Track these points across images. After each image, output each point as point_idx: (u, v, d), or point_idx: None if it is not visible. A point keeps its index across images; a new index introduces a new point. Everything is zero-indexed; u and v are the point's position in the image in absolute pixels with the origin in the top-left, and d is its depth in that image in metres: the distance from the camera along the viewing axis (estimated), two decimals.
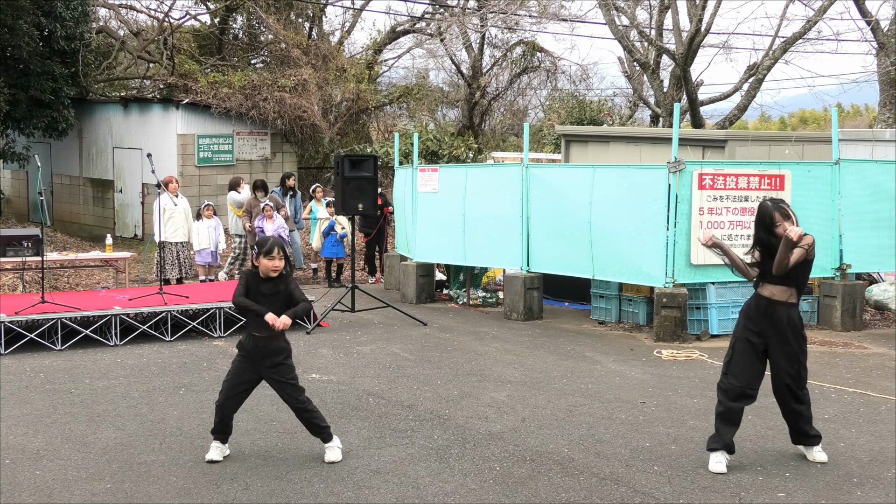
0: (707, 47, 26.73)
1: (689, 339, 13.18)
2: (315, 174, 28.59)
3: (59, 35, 22.44)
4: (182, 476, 7.30)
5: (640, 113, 34.82)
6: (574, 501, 6.85)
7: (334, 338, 13.16)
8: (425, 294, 16.84)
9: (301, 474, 7.37)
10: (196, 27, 30.96)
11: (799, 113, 69.02)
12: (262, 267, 7.45)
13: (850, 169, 14.11)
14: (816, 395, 9.95)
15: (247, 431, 8.44)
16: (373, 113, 29.88)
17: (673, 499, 6.90)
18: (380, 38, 31.87)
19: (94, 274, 18.97)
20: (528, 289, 14.86)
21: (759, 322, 7.64)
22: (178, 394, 9.96)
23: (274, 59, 29.13)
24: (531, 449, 8.08)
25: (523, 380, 10.72)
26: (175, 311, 13.06)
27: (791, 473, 7.44)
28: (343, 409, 9.34)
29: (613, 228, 13.75)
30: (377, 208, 15.66)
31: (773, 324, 7.58)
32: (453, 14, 27.83)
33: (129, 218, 25.07)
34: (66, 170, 27.27)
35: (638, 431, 8.66)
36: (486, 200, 15.53)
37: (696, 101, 25.12)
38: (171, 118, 23.85)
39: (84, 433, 8.50)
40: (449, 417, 9.09)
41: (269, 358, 7.49)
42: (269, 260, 7.42)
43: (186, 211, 16.97)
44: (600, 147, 20.07)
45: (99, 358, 11.78)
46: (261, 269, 7.47)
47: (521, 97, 32.76)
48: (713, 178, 13.19)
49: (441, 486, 7.14)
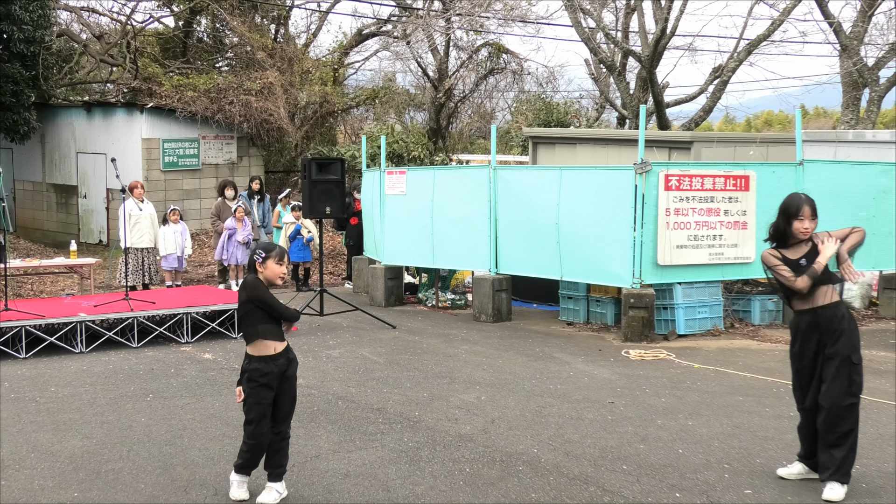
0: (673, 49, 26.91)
1: (656, 339, 13.24)
2: (282, 178, 28.49)
3: (18, 38, 22.23)
4: (150, 483, 7.25)
5: (607, 115, 34.93)
6: (544, 501, 6.86)
7: (303, 342, 13.13)
8: (394, 297, 16.82)
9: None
10: (160, 30, 30.78)
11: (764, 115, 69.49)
12: (270, 273, 6.91)
13: (814, 169, 14.21)
14: (782, 393, 10.04)
15: (216, 437, 8.40)
16: (339, 116, 29.82)
17: (641, 497, 6.93)
18: (346, 40, 31.83)
19: (59, 281, 18.82)
20: (496, 291, 14.87)
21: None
22: (145, 400, 9.90)
23: (239, 61, 29.02)
24: (501, 450, 8.09)
25: (492, 381, 10.73)
26: (141, 317, 12.98)
27: (758, 471, 7.48)
28: (312, 413, 9.31)
29: (581, 230, 13.79)
30: (344, 211, 15.61)
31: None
32: (419, 16, 27.82)
33: (93, 224, 24.89)
34: (29, 175, 27.03)
35: (606, 431, 8.69)
36: (455, 203, 15.53)
37: (662, 103, 25.25)
38: (135, 122, 23.70)
39: (50, 442, 8.43)
40: (419, 420, 9.09)
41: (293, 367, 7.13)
42: (280, 265, 6.93)
43: (152, 216, 16.87)
44: (567, 149, 20.13)
45: (64, 365, 11.68)
46: (268, 276, 6.92)
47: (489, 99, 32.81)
48: (679, 179, 13.25)
49: (411, 488, 7.13)
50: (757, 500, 6.89)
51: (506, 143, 33.03)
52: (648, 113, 24.46)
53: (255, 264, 6.91)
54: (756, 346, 12.85)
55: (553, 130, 24.60)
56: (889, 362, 11.78)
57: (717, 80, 25.29)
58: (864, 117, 22.92)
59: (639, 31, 25.28)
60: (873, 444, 8.28)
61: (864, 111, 23.24)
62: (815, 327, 7.09)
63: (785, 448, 8.06)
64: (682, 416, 9.23)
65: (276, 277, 6.93)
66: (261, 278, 6.90)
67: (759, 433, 8.63)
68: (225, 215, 17.96)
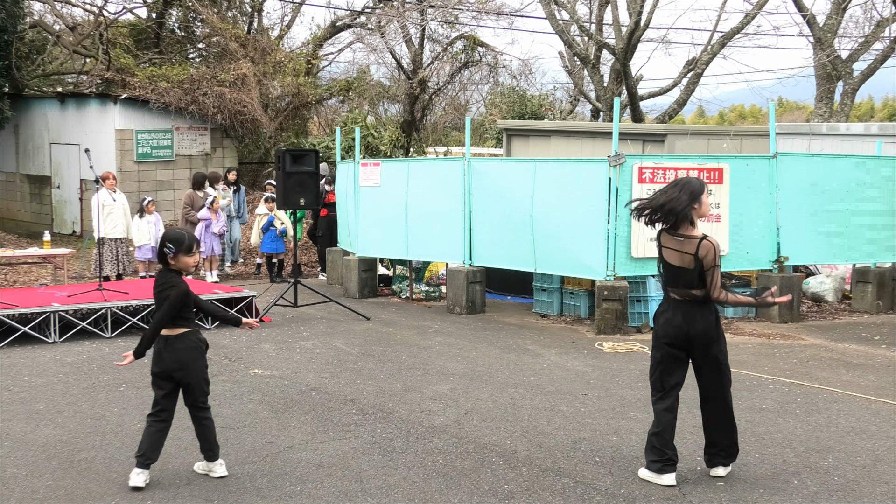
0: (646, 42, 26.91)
1: (629, 332, 13.30)
2: (256, 169, 28.40)
3: None
4: (123, 472, 7.23)
5: (581, 107, 34.95)
6: (516, 493, 6.89)
7: (277, 333, 13.12)
8: (368, 289, 16.82)
9: (244, 469, 7.34)
10: (132, 21, 30.60)
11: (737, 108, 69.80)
12: (182, 264, 7.08)
13: (788, 162, 14.30)
14: (755, 386, 10.10)
15: (188, 427, 8.38)
16: (313, 107, 29.73)
17: (613, 489, 6.97)
18: (320, 32, 31.71)
19: (32, 271, 18.73)
20: (470, 283, 14.90)
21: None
22: (118, 390, 9.88)
23: (211, 52, 28.87)
24: (474, 441, 8.12)
25: (466, 373, 10.76)
26: (115, 307, 12.94)
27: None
28: (286, 404, 9.31)
29: (555, 222, 13.83)
30: (319, 203, 15.58)
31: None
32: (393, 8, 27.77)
33: (66, 214, 24.76)
34: (3, 166, 26.85)
35: (579, 423, 8.73)
36: (429, 195, 15.54)
37: (636, 96, 25.30)
38: (108, 113, 23.57)
39: (23, 431, 8.41)
40: (392, 411, 9.10)
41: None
42: (191, 257, 7.08)
43: (125, 207, 16.80)
44: (541, 141, 20.17)
45: (38, 355, 11.64)
46: (182, 266, 7.09)
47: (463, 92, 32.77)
48: (653, 172, 13.31)
49: (384, 479, 7.15)
50: (728, 493, 6.94)
51: (480, 135, 33.03)
52: (622, 106, 24.50)
53: (167, 257, 7.07)
54: (728, 339, 12.86)
55: (527, 123, 24.65)
56: (862, 356, 11.88)
57: (690, 72, 25.37)
58: (838, 110, 23.03)
59: (613, 24, 25.29)
60: (846, 437, 8.35)
61: (837, 104, 23.36)
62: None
63: (757, 441, 8.12)
64: None
65: (191, 267, 7.19)
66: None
67: None
68: (198, 205, 17.92)
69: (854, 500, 6.82)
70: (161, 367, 7.03)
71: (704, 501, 6.75)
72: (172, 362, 7.01)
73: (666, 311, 7.16)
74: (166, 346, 7.02)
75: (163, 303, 7.04)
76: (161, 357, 7.03)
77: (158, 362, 7.04)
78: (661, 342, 7.15)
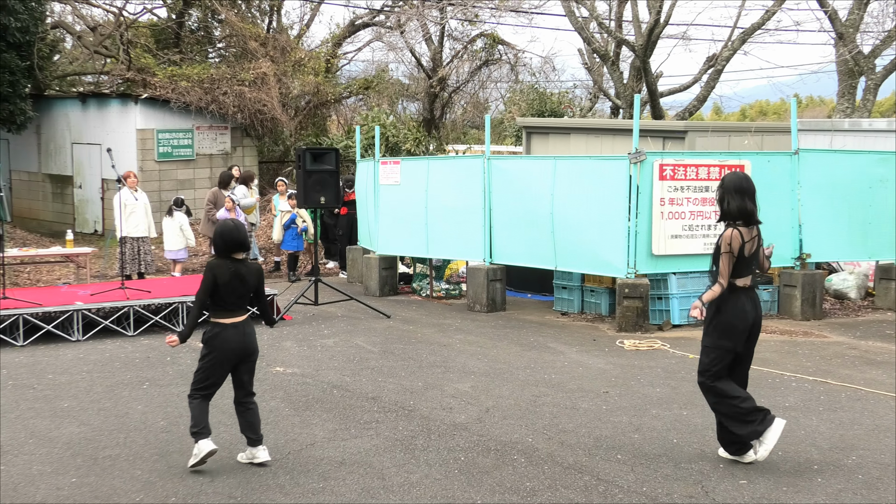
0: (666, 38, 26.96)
1: (651, 329, 13.27)
2: (275, 168, 28.46)
3: (14, 27, 22.17)
4: (147, 469, 7.28)
5: (601, 104, 34.95)
6: (538, 490, 6.89)
7: (298, 331, 13.15)
8: (388, 287, 16.84)
9: (267, 466, 7.37)
10: (153, 21, 30.71)
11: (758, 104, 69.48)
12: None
13: (810, 159, 14.23)
14: (777, 384, 10.07)
15: (211, 424, 8.41)
16: (332, 106, 29.77)
17: (636, 487, 6.97)
18: (339, 31, 31.76)
19: (55, 270, 18.82)
20: (490, 280, 14.89)
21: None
22: (141, 388, 9.92)
23: (231, 52, 28.95)
24: (495, 439, 8.12)
25: (487, 371, 10.76)
26: (137, 305, 13.00)
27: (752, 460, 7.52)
28: (307, 402, 9.34)
29: (575, 220, 13.81)
30: (339, 201, 15.62)
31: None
32: (412, 6, 27.79)
33: (88, 213, 24.87)
34: (25, 166, 27.00)
35: (601, 421, 8.72)
36: (449, 193, 15.53)
37: (656, 93, 25.27)
38: (129, 113, 23.67)
39: (48, 428, 8.46)
40: (413, 409, 9.11)
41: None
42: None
43: (146, 205, 16.87)
44: (561, 139, 20.14)
45: (61, 353, 11.70)
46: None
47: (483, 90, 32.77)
48: (674, 169, 13.27)
49: (406, 476, 7.16)
50: (752, 490, 6.93)
51: (499, 133, 32.99)
52: (642, 102, 24.46)
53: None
54: None
55: (547, 120, 24.62)
56: (886, 353, 11.81)
57: (711, 69, 25.31)
58: (861, 106, 22.90)
59: (632, 21, 25.28)
60: (869, 435, 8.31)
61: (859, 100, 23.24)
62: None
63: (780, 439, 8.07)
64: (677, 406, 9.26)
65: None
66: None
67: None
68: (221, 204, 17.99)
69: (878, 498, 6.80)
70: (233, 350, 7.43)
71: (728, 500, 6.74)
72: (250, 345, 7.49)
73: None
74: (236, 331, 7.43)
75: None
76: (234, 340, 7.42)
77: (231, 344, 7.42)
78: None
